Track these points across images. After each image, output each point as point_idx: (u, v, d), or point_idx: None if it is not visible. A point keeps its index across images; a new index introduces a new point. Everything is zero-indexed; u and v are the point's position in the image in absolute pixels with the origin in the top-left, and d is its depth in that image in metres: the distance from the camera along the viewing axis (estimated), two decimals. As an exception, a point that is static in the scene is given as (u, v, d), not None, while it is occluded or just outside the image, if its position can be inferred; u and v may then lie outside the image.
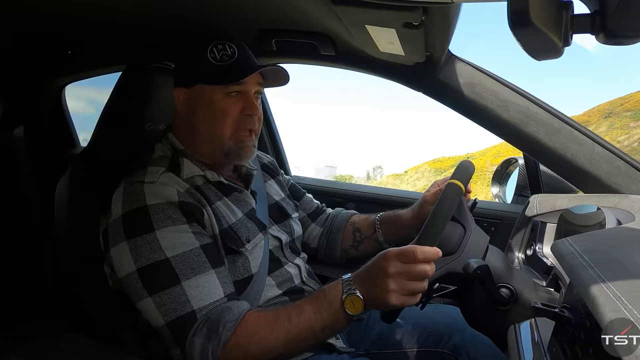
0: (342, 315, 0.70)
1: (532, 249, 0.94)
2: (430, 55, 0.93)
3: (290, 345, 0.71)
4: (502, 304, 0.71)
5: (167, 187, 0.80)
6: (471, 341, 0.92)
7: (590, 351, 0.42)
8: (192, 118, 0.87)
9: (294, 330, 0.71)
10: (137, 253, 0.75)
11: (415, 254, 0.66)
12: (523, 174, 1.31)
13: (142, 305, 0.76)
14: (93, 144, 0.99)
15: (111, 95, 0.98)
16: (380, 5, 0.64)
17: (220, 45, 0.86)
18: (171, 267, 0.74)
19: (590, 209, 0.76)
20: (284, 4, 0.89)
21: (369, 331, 0.99)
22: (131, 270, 0.75)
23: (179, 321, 0.73)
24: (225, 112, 0.85)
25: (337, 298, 0.70)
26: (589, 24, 0.42)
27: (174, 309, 0.73)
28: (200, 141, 0.88)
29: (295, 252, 1.00)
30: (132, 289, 0.76)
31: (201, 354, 0.71)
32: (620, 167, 0.91)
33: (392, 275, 0.67)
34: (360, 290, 0.70)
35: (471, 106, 0.99)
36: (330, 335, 0.75)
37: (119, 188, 0.82)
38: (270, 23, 1.02)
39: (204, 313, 0.74)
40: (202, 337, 0.72)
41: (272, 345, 0.71)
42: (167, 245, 0.76)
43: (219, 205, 0.86)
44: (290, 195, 1.13)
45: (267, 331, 0.72)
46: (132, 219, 0.77)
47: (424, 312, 1.00)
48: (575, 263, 0.50)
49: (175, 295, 0.74)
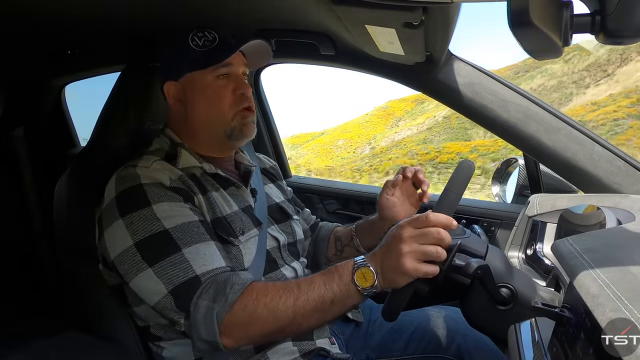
0: (353, 289, 0.69)
1: (532, 248, 0.94)
2: (430, 55, 0.92)
3: (299, 314, 0.69)
4: (503, 304, 0.71)
5: (159, 172, 0.80)
6: (473, 345, 0.91)
7: (591, 351, 0.42)
8: (187, 109, 0.88)
9: (303, 297, 0.69)
10: (134, 228, 0.74)
11: (428, 217, 0.67)
12: (523, 174, 1.31)
13: (141, 279, 0.73)
14: (92, 144, 0.99)
15: (110, 95, 0.98)
16: (380, 5, 0.64)
17: (200, 33, 0.87)
18: (170, 237, 0.74)
19: (585, 206, 0.77)
20: (284, 4, 0.89)
21: (369, 338, 0.98)
22: (128, 245, 0.74)
23: (182, 287, 0.71)
24: (218, 94, 0.87)
25: (348, 271, 0.70)
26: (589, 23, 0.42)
27: (176, 275, 0.72)
28: (199, 130, 0.89)
29: (294, 254, 0.98)
30: (129, 264, 0.74)
31: (205, 315, 0.69)
32: (620, 167, 0.91)
33: (406, 240, 0.67)
34: (373, 265, 0.69)
35: (471, 106, 0.99)
36: (340, 312, 0.72)
37: (111, 178, 0.82)
38: (270, 23, 1.02)
39: (209, 277, 0.72)
40: (208, 299, 0.70)
41: (280, 310, 0.69)
42: (165, 217, 0.75)
43: (214, 195, 0.86)
44: (292, 201, 1.12)
45: (275, 295, 0.70)
46: (127, 196, 0.77)
47: (425, 317, 1.00)
48: (575, 263, 0.50)
49: (176, 262, 0.72)
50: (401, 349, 0.95)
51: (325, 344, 0.87)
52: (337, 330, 0.96)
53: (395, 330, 0.97)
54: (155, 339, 0.84)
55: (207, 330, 0.70)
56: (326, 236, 1.13)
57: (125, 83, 0.99)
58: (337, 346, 0.90)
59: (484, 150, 14.85)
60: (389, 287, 0.69)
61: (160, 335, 0.83)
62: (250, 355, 0.82)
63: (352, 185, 1.76)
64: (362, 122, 22.98)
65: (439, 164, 15.40)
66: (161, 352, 0.84)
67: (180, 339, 0.82)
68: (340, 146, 21.42)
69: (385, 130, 21.35)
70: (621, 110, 13.99)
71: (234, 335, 0.70)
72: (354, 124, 24.13)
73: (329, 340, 0.89)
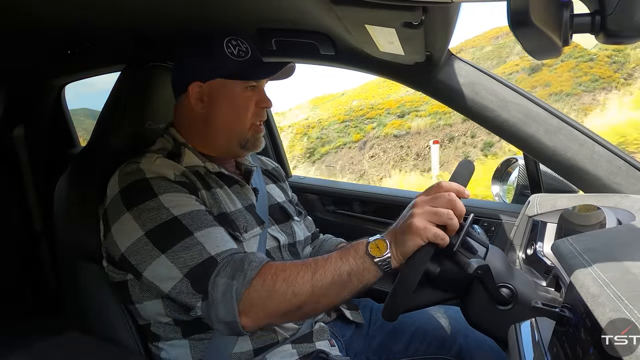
0: (369, 261, 0.69)
1: (533, 248, 0.94)
2: (430, 54, 0.92)
3: (317, 287, 0.69)
4: (503, 304, 0.71)
5: (163, 168, 0.81)
6: (475, 345, 0.91)
7: (591, 351, 0.42)
8: (209, 110, 0.89)
9: (320, 270, 0.70)
10: (142, 219, 0.74)
11: (440, 184, 0.68)
12: (523, 174, 1.31)
13: (155, 267, 0.73)
14: (92, 144, 0.99)
15: (110, 95, 0.98)
16: (380, 4, 0.64)
17: (234, 41, 0.89)
18: (180, 223, 0.74)
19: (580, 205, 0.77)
20: (284, 4, 0.89)
21: (370, 340, 0.97)
22: (138, 236, 0.74)
23: (198, 269, 0.71)
24: (245, 105, 0.89)
25: (363, 245, 0.71)
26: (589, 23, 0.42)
27: (190, 258, 0.72)
28: (216, 133, 0.90)
29: (295, 255, 0.98)
30: (141, 254, 0.74)
31: (224, 293, 0.69)
32: (621, 167, 0.90)
33: (418, 204, 0.68)
34: (387, 237, 0.70)
35: (471, 106, 0.99)
36: (357, 287, 0.70)
37: (113, 175, 0.82)
38: (270, 23, 1.02)
39: (224, 257, 0.72)
40: (226, 277, 0.70)
41: (298, 284, 0.69)
42: (173, 206, 0.75)
43: (218, 191, 0.87)
44: (295, 204, 1.12)
45: (293, 271, 0.70)
46: (132, 190, 0.77)
47: (426, 317, 0.99)
48: (575, 262, 0.50)
49: (189, 245, 0.72)
50: (402, 351, 0.95)
51: (324, 346, 0.87)
52: (337, 332, 0.96)
53: (396, 331, 0.97)
54: (154, 339, 0.84)
55: (225, 309, 0.69)
56: (330, 250, 1.11)
57: (126, 83, 0.99)
58: (337, 348, 0.90)
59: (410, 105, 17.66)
60: (401, 255, 0.68)
61: (160, 335, 0.83)
62: (249, 357, 0.82)
63: (353, 185, 1.76)
64: (380, 82, 22.95)
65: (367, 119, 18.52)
66: (159, 353, 0.84)
67: (179, 339, 0.82)
68: (353, 107, 21.66)
69: (399, 90, 21.31)
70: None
71: (253, 314, 0.70)
72: (373, 84, 24.41)
73: (328, 342, 0.89)
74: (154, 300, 0.81)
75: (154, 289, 0.76)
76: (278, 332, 0.85)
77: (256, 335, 0.83)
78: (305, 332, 0.88)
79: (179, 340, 0.82)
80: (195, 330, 0.81)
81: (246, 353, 0.82)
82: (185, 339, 0.81)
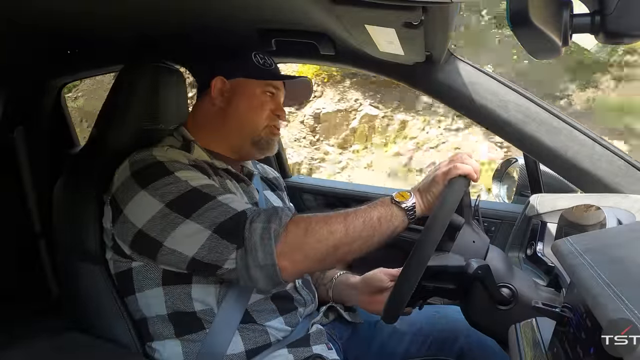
0: (395, 208, 0.76)
1: (533, 248, 0.94)
2: (430, 55, 0.92)
3: (350, 228, 0.72)
4: (503, 304, 0.71)
5: (175, 155, 0.83)
6: (477, 345, 0.91)
7: (591, 351, 0.42)
8: (227, 105, 0.93)
9: (352, 214, 0.74)
10: (160, 192, 0.75)
11: (457, 154, 0.78)
12: (523, 174, 1.31)
13: (178, 232, 0.72)
14: (91, 144, 0.99)
15: (109, 95, 0.98)
16: (380, 4, 0.64)
17: (261, 55, 0.96)
18: (200, 191, 0.75)
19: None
20: (284, 4, 0.88)
21: (369, 343, 0.97)
22: (158, 208, 0.74)
23: (228, 223, 0.72)
24: (262, 105, 0.93)
25: (388, 197, 0.78)
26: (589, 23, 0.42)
27: (217, 216, 0.73)
28: (231, 127, 0.93)
29: None
30: (163, 224, 0.73)
31: (262, 235, 0.70)
32: (621, 167, 0.90)
33: (441, 165, 0.78)
34: (411, 190, 0.79)
35: (471, 106, 0.99)
36: (386, 233, 0.74)
37: (122, 165, 0.83)
38: (270, 23, 1.02)
39: (253, 210, 0.74)
40: (262, 221, 0.71)
41: (333, 223, 0.72)
42: (190, 179, 0.76)
43: (228, 182, 0.89)
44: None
45: (325, 216, 0.74)
46: (146, 171, 0.78)
47: (426, 318, 0.99)
48: (575, 262, 0.50)
49: (215, 206, 0.73)
50: (403, 353, 0.94)
51: (322, 350, 0.86)
52: (335, 334, 0.96)
53: (396, 332, 0.96)
54: (148, 338, 0.84)
55: (264, 252, 0.70)
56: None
57: (125, 83, 0.98)
58: (334, 351, 0.89)
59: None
60: (426, 202, 0.77)
61: (153, 334, 0.83)
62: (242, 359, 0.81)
63: (353, 185, 1.76)
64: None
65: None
66: (153, 353, 0.84)
67: (171, 339, 0.82)
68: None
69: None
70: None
71: (291, 255, 0.71)
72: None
73: (325, 346, 0.88)
74: (155, 288, 0.81)
75: (172, 260, 0.75)
76: (270, 333, 0.84)
77: (247, 336, 0.82)
78: (301, 336, 0.87)
79: (172, 340, 0.81)
80: (189, 330, 0.81)
81: (238, 355, 0.81)
82: (178, 338, 0.81)
